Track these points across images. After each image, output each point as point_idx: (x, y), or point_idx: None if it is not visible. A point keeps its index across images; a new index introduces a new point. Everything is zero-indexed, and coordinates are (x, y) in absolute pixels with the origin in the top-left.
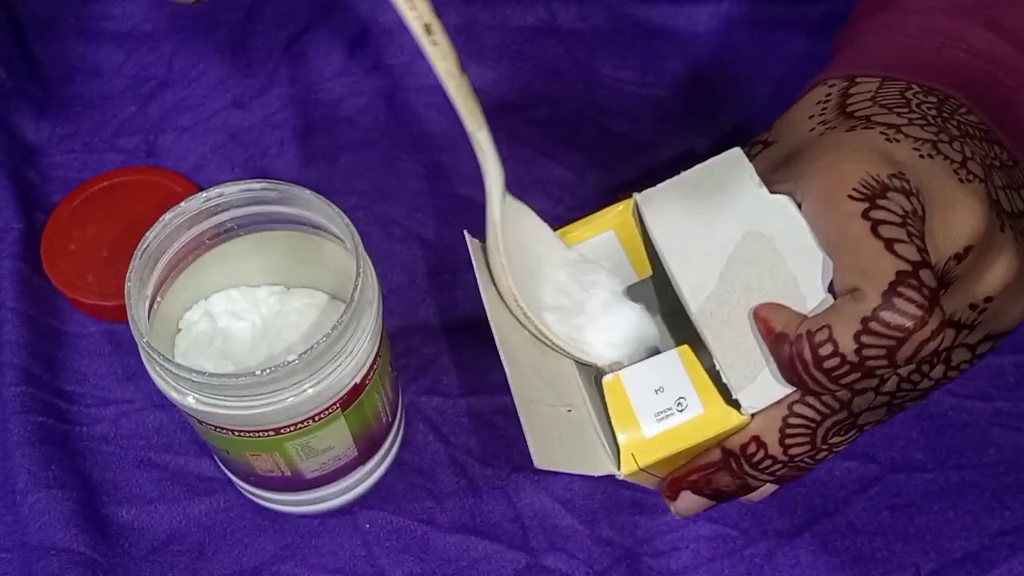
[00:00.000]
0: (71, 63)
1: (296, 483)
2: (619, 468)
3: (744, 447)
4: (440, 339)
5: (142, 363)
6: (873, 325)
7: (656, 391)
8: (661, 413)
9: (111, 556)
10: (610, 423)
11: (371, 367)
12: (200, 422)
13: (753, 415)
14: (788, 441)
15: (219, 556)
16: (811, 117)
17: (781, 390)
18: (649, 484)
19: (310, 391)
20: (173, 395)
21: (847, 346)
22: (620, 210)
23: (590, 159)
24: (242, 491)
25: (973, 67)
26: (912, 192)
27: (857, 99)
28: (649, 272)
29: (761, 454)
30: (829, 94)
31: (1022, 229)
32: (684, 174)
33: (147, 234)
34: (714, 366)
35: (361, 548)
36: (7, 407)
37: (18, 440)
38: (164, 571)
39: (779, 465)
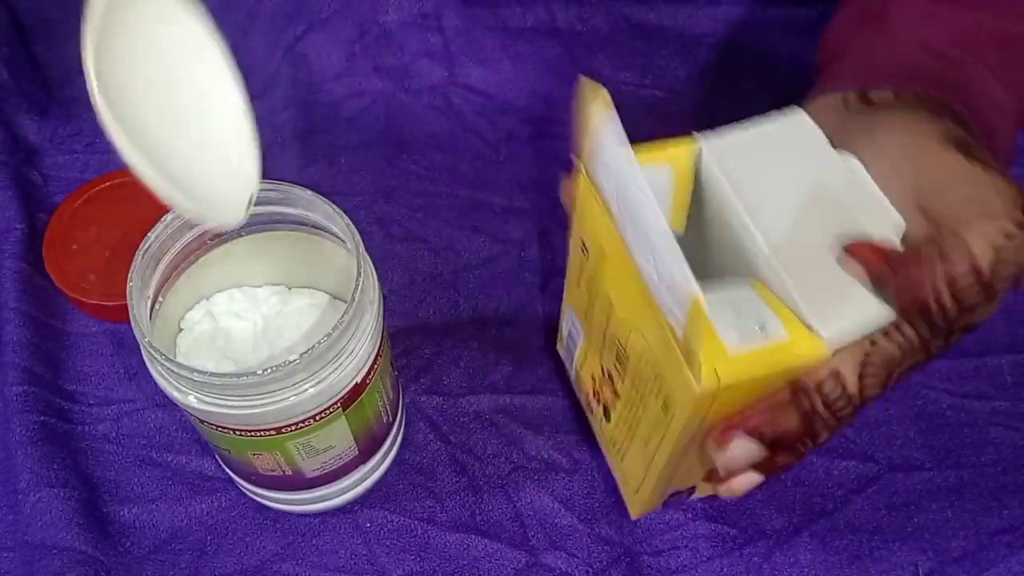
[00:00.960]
0: (73, 64)
1: (297, 482)
2: (697, 383)
3: (821, 383)
4: (440, 339)
5: (144, 363)
6: (1016, 233)
7: (736, 314)
8: (745, 335)
9: (113, 555)
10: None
11: (372, 367)
12: (201, 421)
13: (836, 351)
14: (867, 379)
15: (220, 555)
16: (836, 110)
17: (861, 327)
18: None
19: (311, 391)
20: (175, 395)
21: (986, 257)
22: (681, 148)
23: None
24: (243, 490)
25: (959, 92)
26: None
27: (879, 98)
28: (682, 228)
29: (839, 391)
30: (846, 98)
31: None
32: (751, 127)
33: (149, 234)
34: (791, 303)
35: (362, 547)
36: (9, 406)
37: (20, 439)
38: (166, 570)
39: (850, 408)
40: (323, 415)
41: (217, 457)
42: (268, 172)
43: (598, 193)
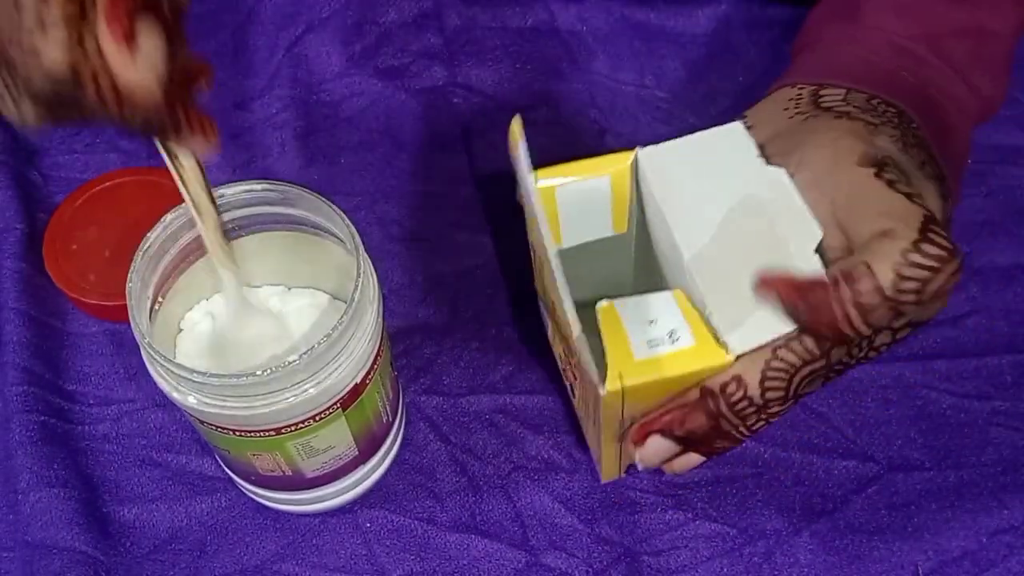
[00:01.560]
0: None
1: (297, 482)
2: (602, 386)
3: (725, 386)
4: (440, 339)
5: (144, 363)
6: (914, 257)
7: (650, 322)
8: (653, 341)
9: (113, 555)
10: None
11: (371, 367)
12: (201, 422)
13: (738, 357)
14: (767, 384)
15: (220, 555)
16: (786, 109)
17: (766, 336)
18: (606, 448)
19: (311, 391)
20: (174, 395)
21: (887, 279)
22: (620, 160)
23: None
24: (243, 490)
25: (920, 90)
26: (901, 169)
27: (829, 99)
28: (624, 229)
29: (740, 394)
30: (800, 94)
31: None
32: (687, 138)
33: (148, 235)
34: (703, 311)
35: (362, 547)
36: (9, 406)
37: (20, 439)
38: (166, 570)
39: (753, 409)
40: (323, 415)
41: (217, 457)
42: (268, 172)
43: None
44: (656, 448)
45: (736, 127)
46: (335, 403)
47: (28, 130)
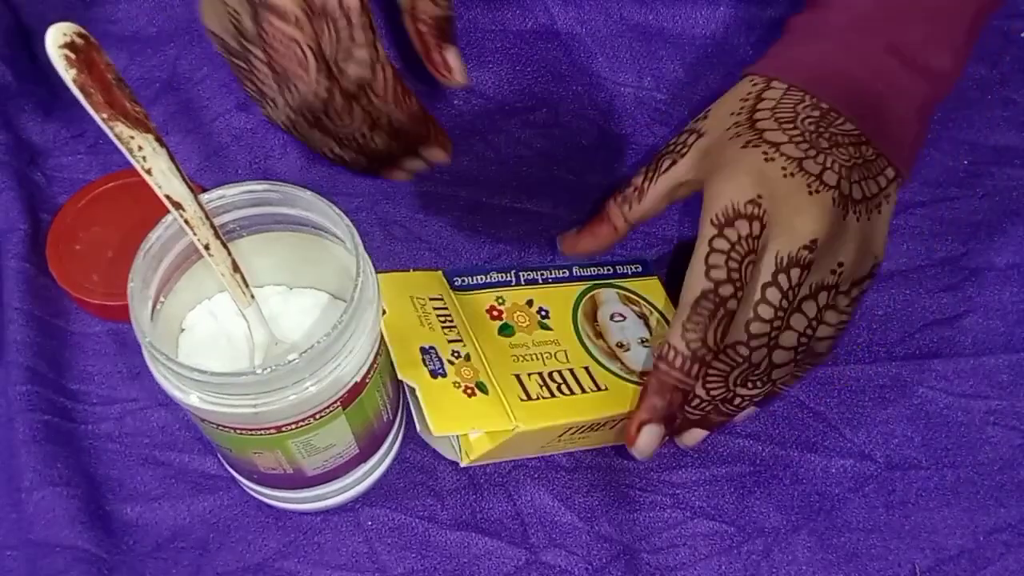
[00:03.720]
0: None
1: (298, 480)
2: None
3: (663, 354)
4: None
5: (146, 362)
6: (688, 326)
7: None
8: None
9: (116, 553)
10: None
11: (371, 365)
12: (203, 420)
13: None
14: (708, 384)
15: (223, 553)
16: (732, 114)
17: None
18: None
19: (311, 389)
20: (177, 394)
21: (681, 346)
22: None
23: (589, 161)
24: (245, 488)
25: (868, 84)
26: (757, 217)
27: (764, 109)
28: None
29: (673, 353)
30: (751, 92)
31: (869, 207)
32: None
33: (150, 235)
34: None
35: (363, 545)
36: (13, 406)
37: (24, 438)
38: (168, 568)
39: (705, 403)
40: (323, 414)
41: (219, 456)
42: (269, 173)
43: None
44: (649, 439)
45: None
46: (335, 401)
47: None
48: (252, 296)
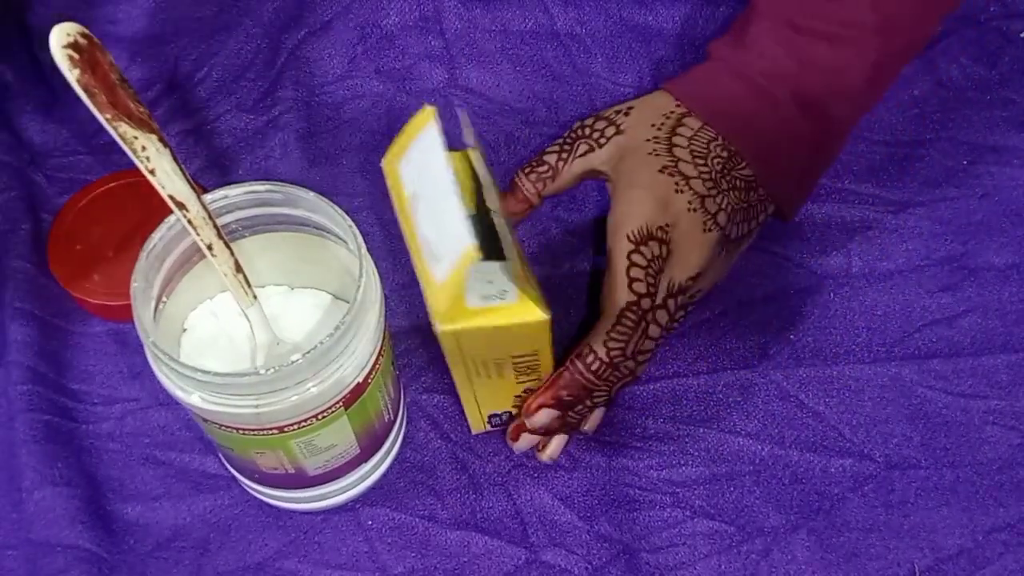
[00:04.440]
0: None
1: (299, 480)
2: (440, 324)
3: (582, 356)
4: None
5: (147, 361)
6: (613, 335)
7: (488, 281)
8: (487, 296)
9: (116, 552)
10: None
11: (373, 366)
12: (205, 420)
13: (552, 319)
14: (610, 345)
15: (223, 552)
16: (653, 126)
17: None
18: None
19: (313, 390)
20: (178, 394)
21: (603, 353)
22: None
23: None
24: (246, 488)
25: (771, 131)
26: (665, 241)
27: (681, 136)
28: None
29: (592, 357)
30: (672, 113)
31: (738, 245)
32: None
33: (152, 235)
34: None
35: (363, 544)
36: (14, 405)
37: (24, 438)
38: (169, 567)
39: (607, 368)
40: (325, 414)
41: (220, 455)
42: (271, 173)
43: (399, 181)
44: (545, 418)
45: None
46: (337, 402)
47: None
48: (254, 296)
